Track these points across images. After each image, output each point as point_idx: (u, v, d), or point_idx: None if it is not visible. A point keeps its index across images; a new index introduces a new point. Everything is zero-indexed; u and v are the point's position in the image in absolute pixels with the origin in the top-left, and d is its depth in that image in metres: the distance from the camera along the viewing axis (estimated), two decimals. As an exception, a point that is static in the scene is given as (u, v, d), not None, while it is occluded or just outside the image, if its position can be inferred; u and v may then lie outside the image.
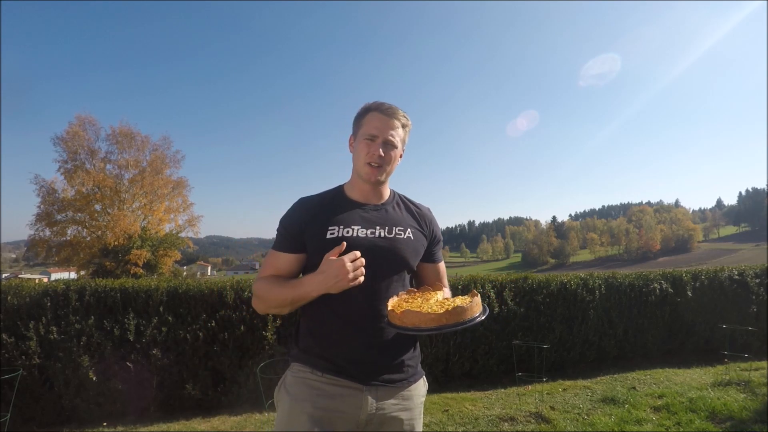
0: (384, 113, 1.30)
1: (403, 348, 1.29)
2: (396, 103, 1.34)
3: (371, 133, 1.28)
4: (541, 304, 4.86)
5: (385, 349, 1.26)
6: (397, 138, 1.31)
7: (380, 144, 1.28)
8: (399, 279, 1.32)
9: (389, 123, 1.30)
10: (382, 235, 1.29)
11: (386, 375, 1.25)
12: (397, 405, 1.26)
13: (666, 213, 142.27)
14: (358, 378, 1.22)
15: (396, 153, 1.33)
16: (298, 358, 1.29)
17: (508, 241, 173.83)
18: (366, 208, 1.34)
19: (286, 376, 1.30)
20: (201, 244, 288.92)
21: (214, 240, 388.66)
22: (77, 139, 21.19)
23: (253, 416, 3.75)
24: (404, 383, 1.28)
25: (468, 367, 4.64)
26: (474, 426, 3.37)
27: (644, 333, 5.25)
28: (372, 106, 1.33)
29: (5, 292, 3.77)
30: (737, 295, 5.56)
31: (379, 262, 1.25)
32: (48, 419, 3.69)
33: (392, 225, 1.33)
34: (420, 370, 1.36)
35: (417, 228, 1.38)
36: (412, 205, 1.45)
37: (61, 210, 20.91)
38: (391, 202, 1.40)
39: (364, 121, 1.32)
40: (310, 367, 1.25)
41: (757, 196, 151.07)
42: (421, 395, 1.33)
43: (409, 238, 1.33)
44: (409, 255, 1.33)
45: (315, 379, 1.23)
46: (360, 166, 1.31)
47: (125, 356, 3.76)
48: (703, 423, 3.22)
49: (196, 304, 4.06)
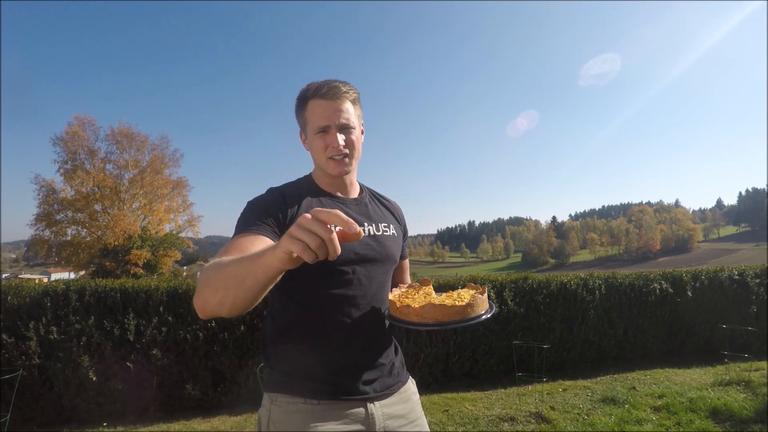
0: (325, 97, 1.10)
1: (390, 350, 1.20)
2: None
3: (321, 125, 1.11)
4: (541, 304, 4.86)
5: (378, 355, 1.16)
6: (351, 117, 1.13)
7: (335, 132, 1.11)
8: (389, 279, 1.24)
9: (335, 105, 1.11)
10: (371, 233, 1.19)
11: (382, 381, 1.14)
12: (401, 409, 1.16)
13: (666, 213, 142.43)
14: (359, 392, 1.09)
15: (356, 134, 1.16)
16: (282, 387, 1.08)
17: (508, 241, 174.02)
18: (347, 203, 1.21)
19: (270, 414, 1.06)
20: (201, 244, 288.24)
21: (214, 240, 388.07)
22: (77, 139, 21.20)
23: (253, 416, 3.75)
24: (399, 385, 1.19)
25: (468, 367, 4.64)
26: (474, 426, 3.37)
27: (644, 333, 5.25)
28: (308, 93, 1.13)
29: (5, 292, 3.77)
30: (737, 295, 5.56)
31: (374, 263, 1.16)
32: (48, 419, 3.68)
33: (377, 221, 1.23)
34: (406, 370, 1.27)
35: (396, 224, 1.31)
36: (384, 199, 1.36)
37: (61, 210, 20.95)
38: (365, 196, 1.29)
39: (307, 113, 1.14)
40: (301, 395, 1.05)
41: (757, 196, 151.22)
42: (414, 392, 1.25)
43: (393, 234, 1.26)
44: (396, 252, 1.26)
45: (310, 410, 1.04)
46: (323, 163, 1.15)
47: (125, 356, 3.76)
48: (703, 423, 3.21)
49: (196, 304, 4.06)
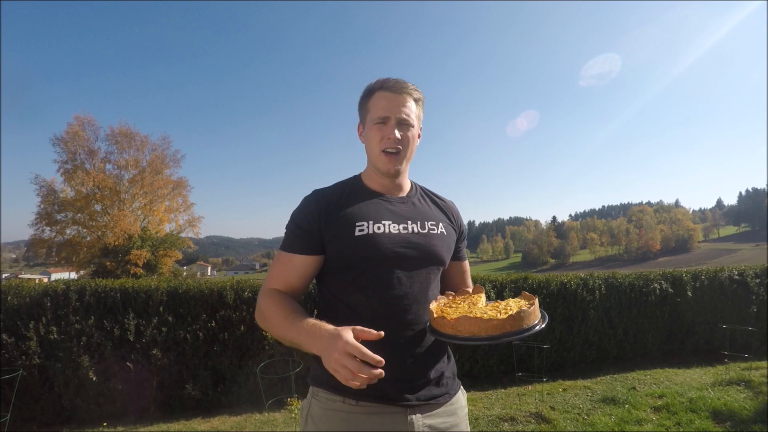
0: (391, 90, 1.13)
1: (440, 358, 1.14)
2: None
3: (381, 115, 1.12)
4: (541, 304, 4.85)
5: (425, 361, 1.10)
6: (411, 115, 1.14)
7: (394, 125, 1.12)
8: (435, 280, 1.18)
9: (399, 99, 1.12)
10: (415, 231, 1.14)
11: (428, 391, 1.09)
12: (445, 423, 1.10)
13: (666, 213, 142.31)
14: (401, 399, 1.05)
15: (414, 132, 1.16)
16: (323, 383, 1.08)
17: (508, 241, 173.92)
18: (392, 201, 1.18)
19: (310, 406, 1.10)
20: (201, 244, 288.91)
21: (214, 240, 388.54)
22: (76, 139, 21.15)
23: (253, 416, 3.75)
24: (446, 397, 1.12)
25: (468, 367, 4.64)
26: (474, 426, 3.36)
27: (644, 333, 5.25)
28: (376, 85, 1.15)
29: (5, 292, 3.77)
30: (737, 295, 5.56)
31: (415, 261, 1.12)
32: (48, 419, 3.69)
33: (423, 219, 1.18)
34: (458, 380, 1.21)
35: (447, 222, 1.25)
36: (437, 197, 1.31)
37: (61, 210, 20.91)
38: (415, 194, 1.25)
39: (370, 103, 1.15)
40: (339, 394, 1.05)
41: (757, 196, 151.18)
42: (463, 406, 1.18)
43: (442, 233, 1.20)
44: (444, 252, 1.19)
45: (348, 410, 1.04)
46: (375, 156, 1.15)
47: (125, 356, 3.76)
48: (703, 423, 3.21)
49: (196, 304, 4.06)
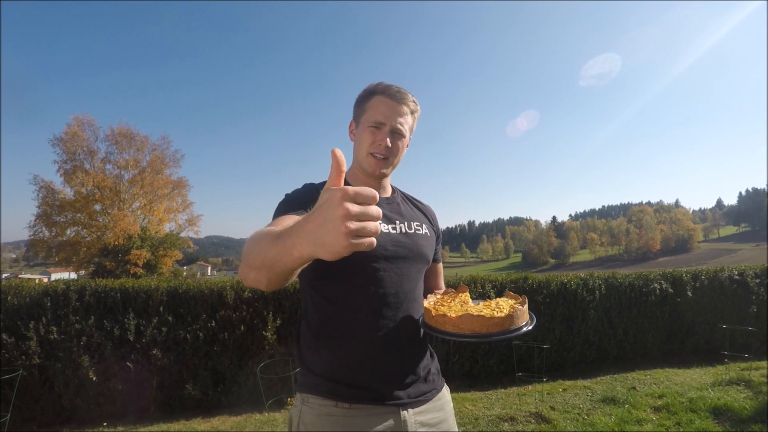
0: (392, 98, 1.13)
1: (425, 355, 1.16)
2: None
3: (377, 120, 1.12)
4: (541, 304, 4.86)
5: (414, 359, 1.12)
6: (405, 126, 1.15)
7: (387, 133, 1.12)
8: (422, 279, 1.19)
9: (398, 109, 1.13)
10: (403, 231, 1.16)
11: (418, 387, 1.11)
12: (435, 418, 1.12)
13: (666, 213, 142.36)
14: (394, 398, 1.05)
15: (404, 143, 1.18)
16: (314, 388, 1.06)
17: (508, 241, 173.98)
18: (380, 202, 1.16)
19: (301, 415, 1.06)
20: (201, 244, 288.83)
21: (214, 240, 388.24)
22: (76, 139, 21.14)
23: (253, 416, 3.75)
24: (434, 392, 1.15)
25: (468, 367, 4.64)
26: (474, 426, 3.36)
27: (644, 333, 5.25)
28: (378, 88, 1.15)
29: (5, 292, 3.77)
30: (737, 295, 5.56)
31: (405, 260, 1.13)
32: (48, 419, 3.68)
33: (409, 220, 1.20)
34: (441, 377, 1.23)
35: (429, 225, 1.28)
36: (417, 201, 1.35)
37: (61, 211, 20.88)
38: (397, 196, 1.28)
39: (368, 105, 1.15)
40: (332, 398, 1.03)
41: (757, 196, 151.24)
42: (449, 401, 1.21)
43: (426, 234, 1.22)
44: (429, 252, 1.21)
45: (342, 414, 1.02)
46: (363, 157, 1.15)
47: (125, 356, 3.76)
48: (703, 423, 3.21)
49: (196, 304, 4.06)
